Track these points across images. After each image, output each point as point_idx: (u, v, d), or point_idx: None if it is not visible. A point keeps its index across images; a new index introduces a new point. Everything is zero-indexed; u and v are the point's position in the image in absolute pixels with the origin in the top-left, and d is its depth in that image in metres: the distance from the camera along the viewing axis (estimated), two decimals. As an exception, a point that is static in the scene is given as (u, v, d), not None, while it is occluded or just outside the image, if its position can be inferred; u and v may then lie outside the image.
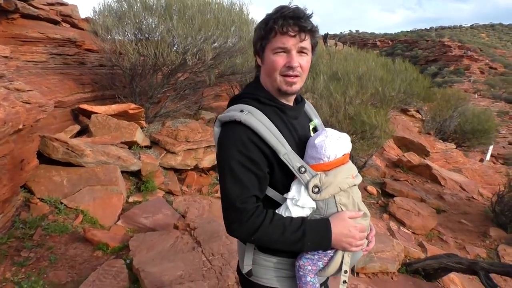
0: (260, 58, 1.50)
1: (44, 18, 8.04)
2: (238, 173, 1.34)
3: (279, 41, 1.38)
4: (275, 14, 1.40)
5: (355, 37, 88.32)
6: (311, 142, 1.45)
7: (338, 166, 1.41)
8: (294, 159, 1.37)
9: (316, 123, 1.66)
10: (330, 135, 1.43)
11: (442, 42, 70.32)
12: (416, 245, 6.27)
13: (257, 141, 1.34)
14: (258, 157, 1.34)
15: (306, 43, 1.42)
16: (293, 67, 1.39)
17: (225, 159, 1.37)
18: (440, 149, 13.08)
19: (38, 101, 3.57)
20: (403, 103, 10.99)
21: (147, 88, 6.65)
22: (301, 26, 1.37)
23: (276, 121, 1.43)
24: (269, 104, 1.47)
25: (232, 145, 1.36)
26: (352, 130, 7.93)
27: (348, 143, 1.46)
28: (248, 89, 1.57)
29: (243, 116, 1.35)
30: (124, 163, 5.05)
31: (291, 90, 1.43)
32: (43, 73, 6.31)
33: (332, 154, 1.39)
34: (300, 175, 1.37)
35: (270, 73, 1.43)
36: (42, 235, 3.69)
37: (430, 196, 8.71)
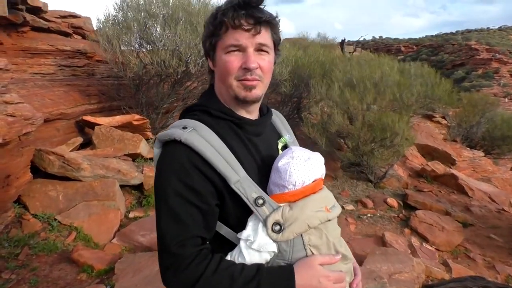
0: (212, 61, 1.22)
1: (55, 30, 8.05)
2: (175, 207, 1.05)
3: (231, 37, 1.12)
4: (225, 6, 1.13)
5: (379, 43, 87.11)
6: (275, 165, 1.16)
7: (307, 196, 1.11)
8: (249, 188, 1.08)
9: (287, 139, 1.36)
10: (297, 156, 1.14)
11: (469, 46, 68.33)
12: (439, 264, 5.79)
13: (202, 165, 1.06)
14: (203, 185, 1.07)
15: (265, 39, 1.14)
16: (250, 69, 1.12)
17: (160, 189, 1.09)
18: (467, 157, 12.42)
19: (23, 114, 3.39)
20: (425, 109, 10.48)
21: (153, 98, 6.48)
22: (256, 16, 1.11)
23: (230, 139, 1.16)
24: (222, 117, 1.19)
25: (169, 171, 1.08)
26: (370, 138, 7.53)
27: (320, 166, 1.17)
28: (200, 100, 1.29)
29: (184, 135, 1.08)
30: (124, 177, 4.84)
31: (251, 96, 1.15)
32: (49, 85, 6.24)
33: (299, 181, 1.10)
34: (256, 208, 1.07)
35: (223, 78, 1.17)
36: (29, 254, 3.50)
37: (456, 209, 8.16)
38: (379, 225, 6.94)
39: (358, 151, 7.70)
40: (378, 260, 4.89)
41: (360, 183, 8.29)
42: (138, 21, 6.19)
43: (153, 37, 6.12)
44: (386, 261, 4.89)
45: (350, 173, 8.49)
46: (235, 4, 1.10)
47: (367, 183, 8.29)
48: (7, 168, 3.38)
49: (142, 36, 6.30)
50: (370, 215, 7.19)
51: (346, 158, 8.00)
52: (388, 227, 6.92)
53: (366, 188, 8.16)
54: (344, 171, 8.51)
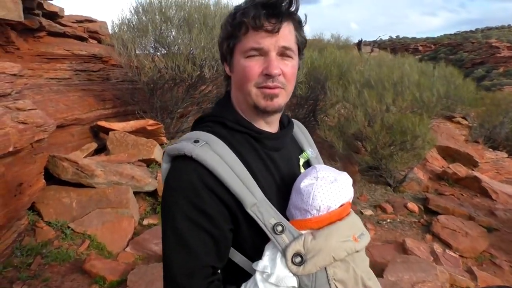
0: (229, 65, 1.10)
1: (71, 35, 8.09)
2: (184, 232, 0.93)
3: (252, 40, 0.99)
4: (245, 4, 1.01)
5: (396, 43, 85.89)
6: (296, 185, 1.02)
7: (333, 223, 0.99)
8: (267, 212, 0.96)
9: (309, 154, 1.23)
10: (322, 177, 1.01)
11: (489, 44, 66.76)
12: (464, 272, 5.55)
13: (214, 185, 0.94)
14: (215, 208, 0.94)
15: (289, 41, 1.02)
16: (272, 75, 0.99)
17: (167, 211, 0.97)
18: (490, 158, 12.03)
19: (35, 120, 3.34)
20: (447, 110, 10.18)
21: (168, 102, 6.42)
22: (280, 16, 0.98)
23: (247, 154, 1.03)
24: (238, 130, 1.06)
25: (177, 191, 0.96)
26: (389, 141, 7.32)
27: (348, 188, 1.03)
28: (214, 109, 1.16)
29: (195, 149, 0.95)
30: (138, 183, 4.77)
31: (272, 105, 1.03)
32: (65, 90, 6.23)
33: (324, 205, 0.97)
34: (275, 236, 0.95)
35: (241, 84, 1.04)
36: (41, 264, 3.45)
37: (480, 213, 7.87)
38: (399, 230, 6.73)
39: (377, 155, 7.50)
40: (399, 269, 4.71)
41: (379, 187, 8.08)
42: (153, 25, 6.14)
43: (168, 40, 6.05)
44: (408, 269, 4.71)
45: (369, 176, 8.29)
46: (258, 3, 0.98)
47: (386, 187, 8.08)
48: (19, 176, 3.33)
49: (157, 40, 6.25)
50: (389, 220, 6.99)
51: (364, 162, 7.81)
52: (408, 233, 6.71)
53: (385, 192, 7.95)
54: (362, 175, 8.31)
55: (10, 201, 3.20)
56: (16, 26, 6.08)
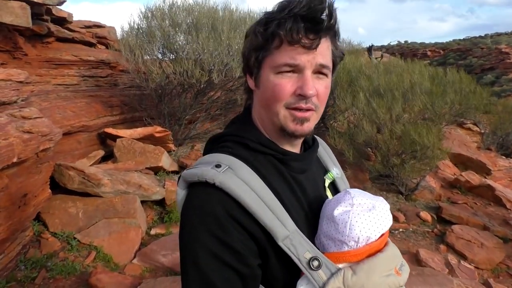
0: (254, 79, 0.97)
1: (79, 40, 8.06)
2: (208, 271, 0.81)
3: (286, 55, 0.87)
4: (280, 13, 0.88)
5: (404, 48, 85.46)
6: (328, 212, 0.91)
7: (373, 255, 0.87)
8: (300, 245, 0.85)
9: (334, 175, 1.11)
10: (358, 204, 0.89)
11: (499, 49, 66.11)
12: (480, 284, 5.37)
13: (241, 216, 0.83)
14: (243, 242, 0.83)
15: (326, 58, 0.91)
16: (307, 96, 0.88)
17: (188, 246, 0.85)
18: (503, 166, 11.79)
19: (41, 130, 3.25)
20: (458, 117, 9.99)
21: (176, 109, 6.33)
22: (320, 30, 0.86)
23: (273, 179, 0.92)
24: (262, 151, 0.95)
25: (199, 224, 0.84)
26: (400, 150, 7.15)
27: (387, 216, 0.91)
28: (233, 128, 1.03)
29: (218, 176, 0.84)
30: (145, 192, 4.66)
31: (301, 130, 0.93)
32: (72, 96, 6.17)
33: (363, 237, 0.86)
34: (311, 272, 0.83)
35: (269, 103, 0.92)
36: (46, 277, 3.34)
37: (494, 222, 7.67)
38: (412, 240, 6.56)
39: (388, 163, 7.34)
40: (414, 282, 4.55)
41: (390, 195, 7.90)
42: (162, 30, 6.06)
43: (176, 46, 5.97)
44: (423, 283, 4.55)
45: (380, 184, 8.11)
46: (296, 13, 0.86)
47: (398, 195, 7.90)
48: (24, 186, 3.23)
49: (165, 45, 6.17)
50: (402, 230, 6.82)
51: (375, 170, 7.65)
52: (422, 243, 6.54)
53: (397, 201, 7.77)
54: (373, 183, 8.15)
55: (14, 213, 3.11)
56: (24, 32, 6.04)
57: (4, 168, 2.82)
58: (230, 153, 0.91)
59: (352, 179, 7.87)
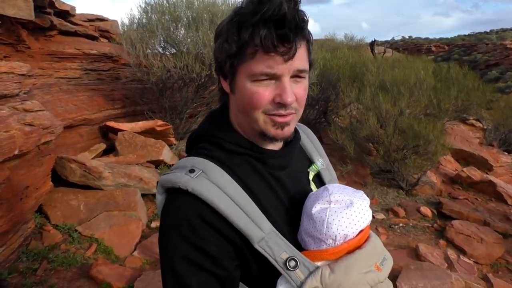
0: (229, 84, 0.94)
1: (82, 34, 8.07)
2: (185, 276, 0.82)
3: (263, 64, 0.84)
4: (251, 16, 0.82)
5: (408, 43, 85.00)
6: (307, 209, 0.91)
7: (352, 252, 0.87)
8: (277, 246, 0.85)
9: (319, 166, 1.09)
10: (336, 200, 0.88)
11: (504, 45, 65.68)
12: (479, 279, 5.39)
13: (216, 221, 0.83)
14: (218, 246, 0.84)
15: (303, 62, 0.88)
16: (286, 104, 0.87)
17: (165, 252, 0.86)
18: (505, 162, 11.76)
19: (42, 122, 3.28)
20: (461, 113, 9.96)
21: (177, 102, 6.35)
22: (295, 37, 0.83)
23: (249, 179, 0.92)
24: (238, 152, 0.94)
25: (174, 230, 0.84)
26: (402, 144, 7.16)
27: (366, 212, 0.90)
28: (209, 127, 1.01)
29: (191, 182, 0.84)
30: (146, 186, 4.70)
31: (282, 134, 0.91)
32: (74, 90, 6.20)
33: (340, 234, 0.86)
34: (288, 272, 0.84)
35: (246, 110, 0.90)
36: (47, 269, 3.38)
37: (495, 218, 7.67)
38: (412, 235, 6.58)
39: (389, 158, 7.35)
40: (413, 276, 4.58)
41: (391, 191, 7.92)
42: (162, 24, 6.06)
43: (177, 40, 5.97)
44: (422, 277, 4.58)
45: (380, 179, 8.13)
46: (269, 19, 0.81)
47: (398, 191, 7.91)
48: (25, 179, 3.27)
49: (166, 40, 6.17)
50: (402, 224, 6.84)
51: (376, 165, 7.67)
52: (421, 237, 6.56)
53: (397, 196, 7.79)
54: (373, 178, 8.16)
55: (16, 205, 3.14)
56: (27, 24, 6.05)
57: (6, 160, 2.85)
58: (206, 156, 0.91)
59: (352, 174, 7.90)
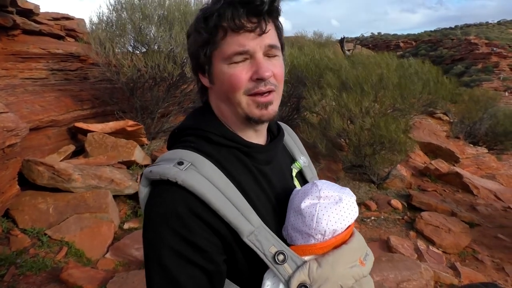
0: (207, 76, 0.95)
1: (47, 33, 7.85)
2: (173, 270, 0.81)
3: (234, 43, 0.87)
4: (216, 5, 0.87)
5: (377, 39, 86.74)
6: (296, 204, 0.91)
7: (338, 247, 0.89)
8: (266, 240, 0.85)
9: (301, 164, 1.11)
10: (325, 196, 0.89)
11: (468, 40, 68.00)
12: (447, 268, 5.59)
13: (205, 213, 0.82)
14: (207, 239, 0.83)
15: (273, 39, 0.91)
16: (264, 78, 0.88)
17: (151, 246, 0.84)
18: (470, 154, 12.22)
19: (6, 125, 3.19)
20: (428, 106, 10.26)
21: (148, 102, 6.27)
22: (261, 11, 0.86)
23: (237, 173, 0.91)
24: (226, 144, 0.94)
25: (162, 222, 0.82)
26: (371, 140, 7.32)
27: (354, 208, 0.91)
28: (195, 120, 1.00)
29: (181, 174, 0.82)
30: (118, 187, 4.63)
31: (267, 114, 0.92)
32: (40, 91, 6.03)
33: (329, 230, 0.87)
34: (276, 266, 0.84)
35: (228, 95, 0.92)
36: (16, 274, 3.29)
37: (462, 208, 7.96)
38: (383, 228, 6.75)
39: (360, 153, 7.51)
40: (384, 267, 4.70)
41: (362, 185, 8.09)
42: (132, 22, 5.96)
43: (148, 38, 5.89)
44: (393, 268, 4.70)
45: (352, 174, 8.29)
46: (233, 1, 0.85)
47: (370, 185, 8.09)
48: (-10, 183, 3.18)
49: (136, 38, 6.08)
50: (374, 218, 7.00)
51: (347, 160, 7.81)
52: (392, 230, 6.73)
53: (369, 190, 7.96)
54: (346, 173, 8.31)
55: (-19, 209, 3.05)
56: (-12, 24, 5.84)
57: (-32, 164, 2.77)
58: (193, 148, 0.90)
59: (325, 170, 8.01)
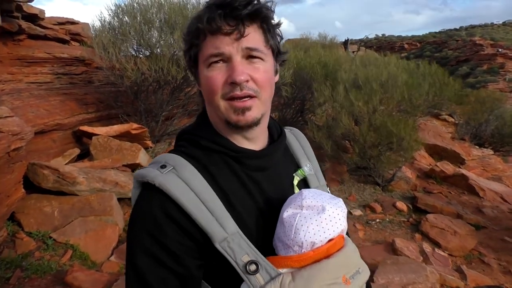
0: (196, 79, 0.97)
1: (52, 37, 7.90)
2: (144, 270, 0.82)
3: (211, 46, 0.87)
4: (201, 10, 0.89)
5: (382, 41, 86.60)
6: (280, 214, 0.88)
7: (319, 261, 0.82)
8: (239, 248, 0.83)
9: (305, 172, 1.06)
10: (308, 205, 0.85)
11: (473, 41, 67.67)
12: (453, 271, 5.54)
13: (179, 217, 0.82)
14: (179, 243, 0.83)
15: (254, 41, 0.88)
16: (237, 82, 0.85)
17: (128, 244, 0.85)
18: (476, 155, 12.12)
19: (11, 129, 3.21)
20: (433, 108, 10.21)
21: (152, 105, 6.29)
22: (238, 14, 0.85)
23: (223, 178, 0.90)
24: (215, 150, 0.93)
25: (138, 223, 0.85)
26: (377, 142, 7.29)
27: (339, 220, 0.85)
28: (191, 125, 1.03)
29: (158, 177, 0.84)
30: (122, 190, 4.65)
31: (244, 120, 0.89)
32: (45, 95, 6.07)
33: (307, 242, 0.82)
34: (248, 276, 0.81)
35: (209, 98, 0.91)
36: (21, 277, 3.31)
37: (468, 210, 7.90)
38: (388, 230, 6.71)
39: (365, 155, 7.48)
40: (389, 270, 4.67)
41: (367, 187, 8.05)
42: (134, 27, 6.00)
43: (150, 42, 5.93)
44: (398, 271, 4.68)
45: (357, 176, 8.26)
46: (211, 4, 0.86)
47: (375, 187, 8.06)
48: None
49: (139, 42, 6.11)
50: (379, 220, 6.96)
51: (352, 162, 7.78)
52: (398, 232, 6.69)
53: (374, 192, 7.93)
54: (350, 175, 8.28)
55: (-14, 213, 3.07)
56: (-6, 29, 5.90)
57: (-27, 168, 2.79)
58: (182, 153, 0.91)
59: (330, 172, 7.99)
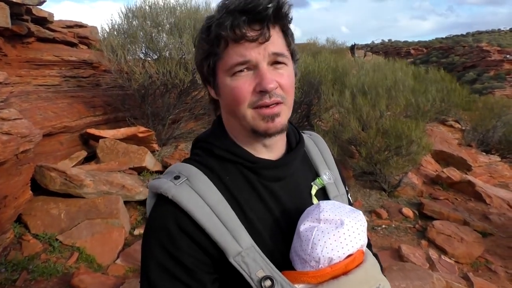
0: (213, 88, 0.93)
1: (60, 40, 7.97)
2: (157, 284, 0.81)
3: (235, 54, 0.83)
4: (218, 14, 0.84)
5: (388, 46, 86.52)
6: (298, 226, 0.85)
7: (337, 278, 0.78)
8: (253, 263, 0.80)
9: (324, 180, 1.02)
10: (325, 219, 0.81)
11: (480, 47, 67.40)
12: (460, 278, 5.49)
13: (193, 231, 0.81)
14: (194, 257, 0.81)
15: (279, 46, 0.86)
16: (267, 91, 0.83)
17: (143, 257, 0.84)
18: (483, 162, 12.04)
19: (20, 131, 3.23)
20: (440, 114, 10.17)
21: (159, 109, 6.32)
22: (265, 18, 0.82)
23: (239, 190, 0.88)
24: (230, 159, 0.91)
25: (152, 236, 0.84)
26: (384, 146, 7.26)
27: (358, 234, 0.82)
28: (206, 132, 1.01)
29: (172, 189, 0.82)
30: (129, 193, 4.65)
31: (274, 127, 0.87)
32: (53, 97, 6.11)
33: (324, 257, 0.78)
34: None
35: (233, 108, 0.88)
36: (27, 279, 3.32)
37: (474, 217, 7.83)
38: (394, 236, 6.67)
39: (372, 160, 7.45)
40: (396, 277, 4.63)
41: (373, 192, 8.02)
42: (144, 30, 6.04)
43: (159, 46, 5.95)
44: (404, 278, 4.63)
45: (363, 182, 8.22)
46: (234, 9, 0.81)
47: (381, 192, 8.02)
48: (4, 188, 3.21)
49: (148, 46, 6.15)
50: (385, 226, 6.92)
51: (358, 167, 7.75)
52: (404, 238, 6.65)
53: (380, 198, 7.89)
54: (356, 180, 8.25)
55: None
56: (4, 32, 5.95)
57: (-18, 170, 2.80)
58: (196, 162, 0.90)
59: (336, 177, 7.97)
